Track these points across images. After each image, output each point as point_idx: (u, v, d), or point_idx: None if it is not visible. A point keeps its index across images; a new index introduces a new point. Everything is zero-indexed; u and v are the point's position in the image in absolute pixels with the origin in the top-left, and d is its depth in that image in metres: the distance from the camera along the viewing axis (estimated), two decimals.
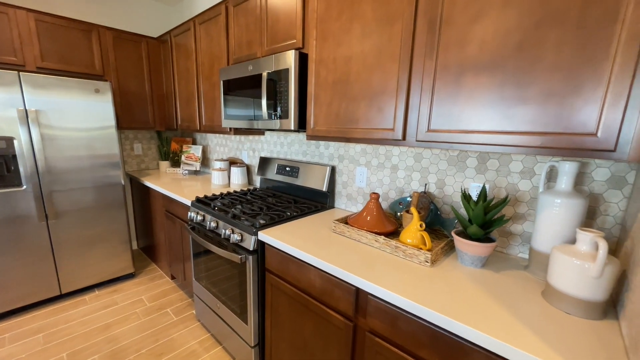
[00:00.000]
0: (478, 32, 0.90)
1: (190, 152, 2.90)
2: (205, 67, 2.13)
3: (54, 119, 2.05)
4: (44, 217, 2.09)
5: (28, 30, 2.10)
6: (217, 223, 1.62)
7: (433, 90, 1.02)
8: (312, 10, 1.33)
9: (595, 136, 0.76)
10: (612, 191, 0.97)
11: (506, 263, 1.13)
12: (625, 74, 0.70)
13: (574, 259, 0.81)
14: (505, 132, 0.90)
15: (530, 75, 0.83)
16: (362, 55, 1.20)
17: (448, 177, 1.33)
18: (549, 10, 0.78)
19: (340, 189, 1.79)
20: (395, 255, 1.16)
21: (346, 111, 1.29)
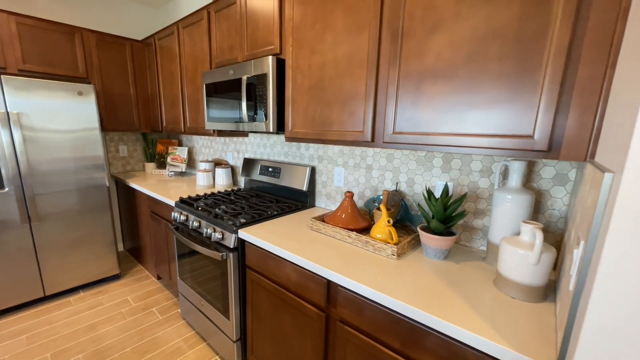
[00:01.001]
0: (434, 44, 0.99)
1: (176, 154, 2.93)
2: (189, 70, 2.18)
3: (36, 122, 2.05)
4: (27, 220, 2.10)
5: (9, 32, 2.10)
6: (199, 222, 1.67)
7: (397, 95, 1.11)
8: (289, 19, 1.40)
9: (533, 138, 0.85)
10: (557, 187, 1.07)
11: (468, 255, 1.22)
12: (555, 83, 0.80)
13: (518, 249, 0.90)
14: (460, 134, 0.98)
15: (479, 83, 0.92)
16: (335, 62, 1.27)
17: (417, 176, 1.42)
18: (491, 26, 0.87)
19: (320, 188, 1.86)
20: (366, 250, 1.24)
21: (321, 115, 1.37)
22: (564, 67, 0.78)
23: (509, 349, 0.71)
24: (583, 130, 0.78)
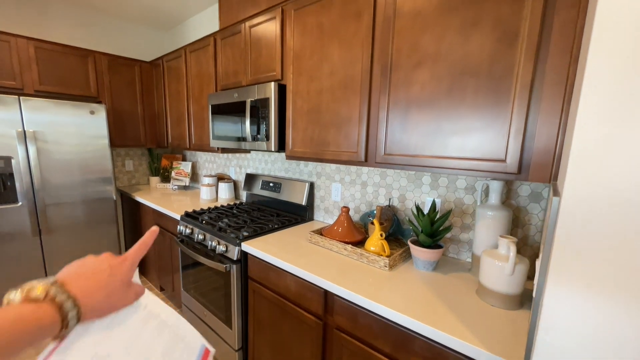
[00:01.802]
0: (419, 76, 1.12)
1: (180, 168, 3.04)
2: (195, 90, 2.31)
3: (50, 138, 2.18)
4: (38, 232, 2.19)
5: (27, 56, 2.25)
6: (204, 235, 1.76)
7: (387, 120, 1.23)
8: (289, 49, 1.54)
9: (505, 162, 0.96)
10: (533, 204, 1.18)
11: (455, 266, 1.32)
12: (521, 114, 0.92)
13: (496, 261, 1.00)
14: (443, 157, 1.10)
15: (458, 112, 1.04)
16: (331, 89, 1.40)
17: (408, 192, 1.52)
18: (467, 64, 1.00)
19: (319, 202, 1.97)
20: (361, 262, 1.33)
21: (319, 136, 1.49)
22: (528, 101, 0.90)
23: (485, 351, 0.80)
24: (547, 155, 0.90)
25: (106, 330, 0.43)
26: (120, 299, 0.44)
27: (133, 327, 0.45)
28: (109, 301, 0.42)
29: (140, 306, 0.48)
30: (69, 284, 0.39)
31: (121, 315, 0.45)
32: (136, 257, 0.47)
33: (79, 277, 0.41)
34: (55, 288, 0.37)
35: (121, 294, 0.44)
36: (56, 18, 2.64)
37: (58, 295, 0.37)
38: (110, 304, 0.43)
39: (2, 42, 2.15)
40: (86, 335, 0.41)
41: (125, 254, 0.47)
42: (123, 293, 0.44)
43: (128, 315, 0.46)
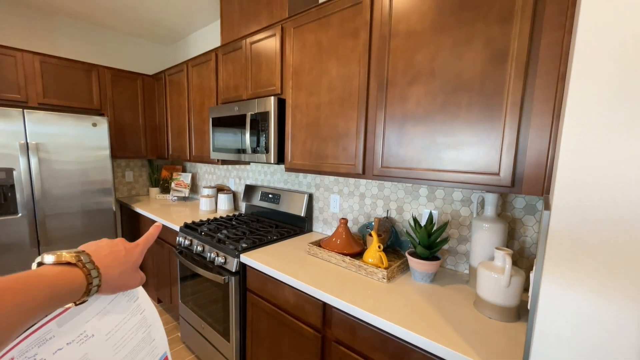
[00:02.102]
0: (414, 92, 1.15)
1: (180, 180, 3.06)
2: (196, 103, 2.36)
3: (52, 150, 2.20)
4: (36, 244, 2.19)
5: (33, 70, 2.30)
6: (203, 247, 1.77)
7: (384, 134, 1.26)
8: (289, 65, 1.59)
9: (499, 175, 0.99)
10: (527, 216, 1.20)
11: (453, 278, 1.32)
12: (513, 129, 0.95)
13: (492, 273, 1.01)
14: (439, 170, 1.12)
15: (452, 127, 1.07)
16: (330, 103, 1.44)
17: (406, 204, 1.54)
18: (460, 80, 1.04)
19: (317, 214, 1.98)
20: (359, 274, 1.34)
21: (318, 149, 1.51)
22: (519, 116, 0.94)
23: None
24: (538, 169, 0.92)
25: (101, 313, 0.47)
26: (131, 279, 0.48)
27: (122, 316, 0.49)
28: (122, 279, 0.47)
29: (135, 297, 0.52)
30: (93, 255, 0.43)
31: (118, 302, 0.49)
32: (145, 246, 0.52)
33: (100, 253, 0.45)
34: (84, 256, 0.41)
35: (132, 274, 0.49)
36: (62, 33, 2.71)
37: (87, 263, 0.41)
38: (123, 282, 0.47)
39: (9, 56, 2.20)
40: (85, 311, 0.45)
41: (137, 241, 0.52)
42: (133, 274, 0.49)
43: (123, 303, 0.50)
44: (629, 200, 0.54)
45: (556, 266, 0.62)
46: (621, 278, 0.55)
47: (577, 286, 0.59)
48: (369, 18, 1.24)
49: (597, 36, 0.56)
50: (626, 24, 0.53)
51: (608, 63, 0.55)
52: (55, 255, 0.39)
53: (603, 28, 0.55)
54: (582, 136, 0.58)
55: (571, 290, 0.60)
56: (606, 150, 0.56)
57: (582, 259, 0.59)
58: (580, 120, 0.58)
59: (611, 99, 0.55)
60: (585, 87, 0.57)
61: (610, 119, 0.55)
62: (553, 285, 0.62)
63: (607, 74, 0.55)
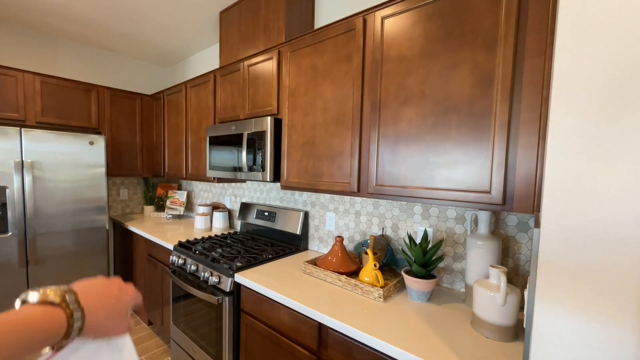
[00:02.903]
0: (406, 113, 1.19)
1: (175, 197, 3.04)
2: (194, 122, 2.39)
3: (48, 168, 2.20)
4: (25, 264, 2.13)
5: (33, 90, 2.34)
6: (197, 266, 1.74)
7: (378, 153, 1.29)
8: (285, 86, 1.64)
9: (490, 193, 1.01)
10: (520, 234, 1.22)
11: (449, 297, 1.32)
12: (502, 149, 0.98)
13: (488, 291, 1.01)
14: (432, 188, 1.14)
15: (443, 146, 1.11)
16: (325, 124, 1.48)
17: (401, 222, 1.55)
18: (450, 103, 1.08)
19: (313, 232, 1.98)
20: (355, 293, 1.33)
21: (313, 167, 1.54)
22: (507, 137, 0.97)
23: None
24: (528, 188, 0.95)
25: None
26: (117, 325, 0.45)
27: None
28: (109, 323, 0.44)
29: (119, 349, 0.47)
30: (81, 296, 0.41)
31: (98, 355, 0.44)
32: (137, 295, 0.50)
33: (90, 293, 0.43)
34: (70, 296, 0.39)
35: (120, 320, 0.46)
36: (64, 54, 2.78)
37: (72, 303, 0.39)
38: (108, 327, 0.44)
39: (9, 77, 2.24)
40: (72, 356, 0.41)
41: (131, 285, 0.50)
42: (121, 320, 0.46)
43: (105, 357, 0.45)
44: (612, 219, 0.56)
45: (549, 285, 0.62)
46: (610, 298, 0.56)
47: (570, 306, 0.60)
48: (361, 44, 1.31)
49: (574, 65, 0.60)
50: (600, 54, 0.57)
51: (585, 90, 0.59)
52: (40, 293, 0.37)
53: (579, 58, 0.59)
54: (565, 157, 0.61)
55: (564, 310, 0.61)
56: (588, 171, 0.58)
57: (572, 279, 0.60)
58: (563, 142, 0.61)
59: (590, 123, 0.58)
60: (565, 111, 0.61)
61: (590, 142, 0.58)
62: (547, 304, 0.63)
63: (584, 100, 0.59)
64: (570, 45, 0.60)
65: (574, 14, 0.59)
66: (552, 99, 0.62)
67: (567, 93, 0.61)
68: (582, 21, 0.59)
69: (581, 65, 0.59)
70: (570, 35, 0.60)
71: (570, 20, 0.60)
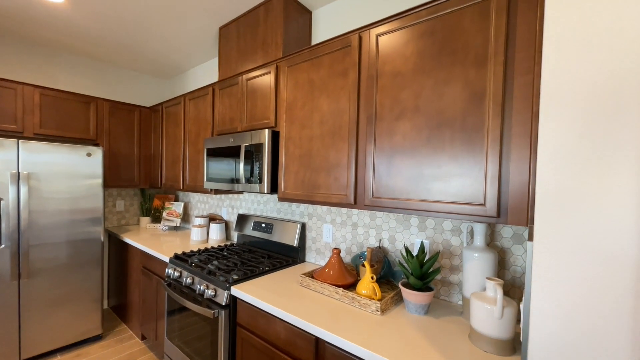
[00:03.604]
0: (401, 127, 1.22)
1: (172, 209, 3.03)
2: (192, 134, 2.41)
3: (44, 180, 2.19)
4: (17, 277, 2.10)
5: (32, 102, 2.35)
6: (193, 279, 1.72)
7: (374, 166, 1.31)
8: (282, 100, 1.67)
9: (485, 206, 1.03)
10: (516, 246, 1.22)
11: (447, 310, 1.31)
12: (495, 162, 1.00)
13: (485, 304, 1.01)
14: (427, 201, 1.16)
15: (438, 159, 1.13)
16: (321, 136, 1.50)
17: (397, 234, 1.56)
18: (443, 117, 1.11)
19: (310, 243, 1.97)
20: (352, 306, 1.32)
21: (310, 179, 1.55)
22: (499, 150, 0.99)
23: None
24: (521, 200, 0.96)
25: None
26: None
27: None
28: None
29: None
30: None
31: None
32: None
33: None
34: None
35: None
36: (64, 67, 2.81)
37: None
38: None
39: (9, 89, 2.26)
40: None
41: None
42: None
43: None
44: (601, 233, 0.58)
45: (544, 298, 0.63)
46: (603, 309, 0.57)
47: (566, 319, 0.61)
48: (357, 60, 1.34)
49: (559, 85, 0.62)
50: (584, 74, 0.60)
51: (570, 108, 0.61)
52: None
53: (564, 78, 0.62)
54: (555, 172, 0.63)
55: (560, 323, 0.61)
56: (577, 186, 0.60)
57: (566, 292, 0.61)
58: (552, 157, 0.63)
59: (577, 140, 0.60)
60: (553, 127, 0.63)
61: (578, 157, 0.60)
62: (542, 317, 0.63)
63: (570, 117, 0.61)
64: (556, 66, 0.62)
65: (558, 38, 0.62)
66: (541, 117, 0.65)
67: (554, 111, 0.63)
68: (566, 45, 0.62)
69: (566, 85, 0.61)
70: (555, 57, 0.62)
71: (554, 43, 0.63)
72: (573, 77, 0.61)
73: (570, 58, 0.61)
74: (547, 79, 0.64)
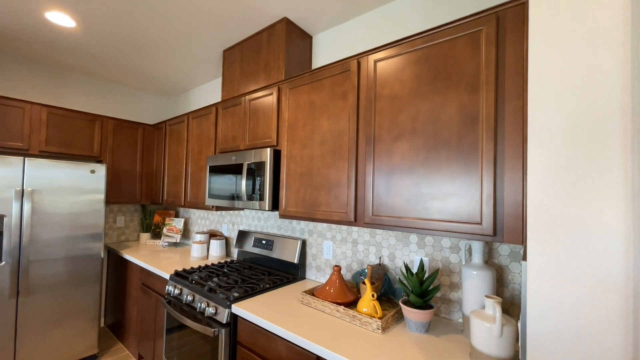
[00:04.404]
0: (399, 147, 1.27)
1: (172, 225, 3.04)
2: (194, 151, 2.46)
3: (47, 196, 2.21)
4: (15, 294, 2.08)
5: (39, 120, 2.41)
6: (193, 296, 1.72)
7: (373, 184, 1.34)
8: (284, 120, 1.73)
9: (481, 225, 1.06)
10: (513, 263, 1.25)
11: (448, 328, 1.31)
12: (490, 182, 1.04)
13: (484, 322, 1.02)
14: (426, 219, 1.19)
15: (435, 179, 1.16)
16: (322, 155, 1.54)
17: (397, 251, 1.58)
18: (439, 139, 1.16)
19: (311, 260, 1.98)
20: (353, 324, 1.32)
21: (311, 197, 1.58)
22: (494, 171, 1.04)
23: None
24: (516, 220, 1.00)
25: None
26: None
27: None
28: None
29: None
30: None
31: None
32: None
33: None
34: None
35: None
36: (70, 87, 2.89)
37: None
38: None
39: (17, 108, 2.32)
40: None
41: None
42: None
43: None
44: (589, 255, 0.61)
45: (540, 318, 0.65)
46: (596, 331, 0.59)
47: (561, 341, 0.63)
48: (356, 83, 1.41)
49: (545, 114, 0.67)
50: (566, 106, 0.65)
51: (555, 137, 0.66)
52: None
53: (548, 109, 0.67)
54: (544, 196, 0.67)
55: (558, 344, 0.63)
56: (566, 209, 0.64)
57: (562, 312, 0.63)
58: (542, 181, 0.67)
59: (563, 166, 0.64)
60: (540, 154, 0.67)
61: (565, 182, 0.64)
62: (539, 337, 0.65)
63: (555, 145, 0.65)
64: (540, 98, 0.67)
65: (541, 73, 0.68)
66: (529, 144, 0.69)
67: (540, 138, 0.67)
68: (548, 79, 0.67)
69: (550, 115, 0.66)
70: (538, 90, 0.68)
71: (537, 78, 0.68)
72: (556, 108, 0.66)
73: (552, 91, 0.66)
74: (532, 110, 0.68)
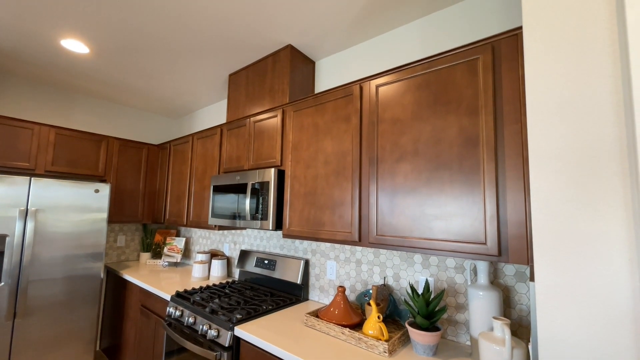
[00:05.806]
0: (402, 168, 1.30)
1: (173, 244, 3.02)
2: (198, 171, 2.49)
3: (50, 216, 2.22)
4: (12, 316, 2.04)
5: (47, 141, 2.46)
6: (195, 318, 1.69)
7: (377, 205, 1.36)
8: (288, 141, 1.77)
9: (486, 245, 1.07)
10: (519, 284, 1.24)
11: (455, 350, 1.29)
12: (492, 203, 1.06)
13: (493, 345, 1.01)
14: (430, 239, 1.20)
15: (438, 199, 1.19)
16: (326, 175, 1.57)
17: (402, 271, 1.57)
18: (441, 160, 1.19)
19: (314, 281, 1.96)
20: (359, 347, 1.29)
21: (315, 216, 1.60)
22: (496, 192, 1.06)
23: None
24: (521, 240, 1.01)
25: None
26: None
27: None
28: None
29: None
30: None
31: None
32: None
33: None
34: None
35: None
36: (78, 108, 2.97)
37: None
38: None
39: (26, 129, 2.37)
40: None
41: None
42: None
43: None
44: (596, 277, 0.62)
45: (551, 340, 0.65)
46: (607, 352, 0.60)
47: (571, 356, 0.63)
48: (359, 107, 1.46)
49: (544, 141, 0.70)
50: (564, 133, 0.68)
51: (555, 162, 0.68)
52: None
53: (548, 136, 0.70)
54: (548, 218, 0.69)
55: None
56: (570, 231, 0.66)
57: (570, 334, 0.64)
58: (546, 203, 0.69)
59: (564, 189, 0.67)
60: (542, 178, 0.70)
61: (567, 205, 0.66)
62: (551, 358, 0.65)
63: (556, 170, 0.68)
64: (539, 126, 0.71)
65: (538, 103, 0.72)
66: (530, 168, 0.72)
67: (541, 163, 0.70)
68: (546, 109, 0.71)
69: (550, 142, 0.69)
70: (537, 118, 0.71)
71: (535, 107, 0.72)
72: (554, 136, 0.69)
73: (549, 121, 0.70)
74: (532, 138, 0.72)
